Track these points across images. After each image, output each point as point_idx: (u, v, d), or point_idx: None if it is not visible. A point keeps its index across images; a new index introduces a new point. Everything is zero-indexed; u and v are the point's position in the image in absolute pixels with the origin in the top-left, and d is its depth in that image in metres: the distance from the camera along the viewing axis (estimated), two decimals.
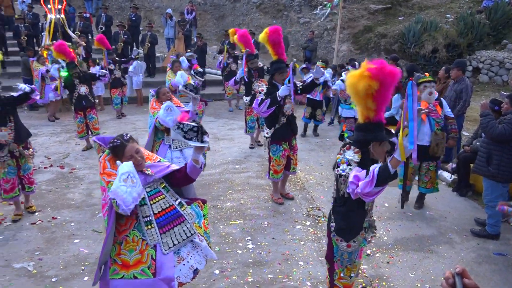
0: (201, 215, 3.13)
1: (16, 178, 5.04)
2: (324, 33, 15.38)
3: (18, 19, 13.14)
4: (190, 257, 2.92)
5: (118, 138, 2.84)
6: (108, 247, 2.77)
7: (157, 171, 2.93)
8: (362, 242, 3.18)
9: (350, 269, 3.21)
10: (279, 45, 5.22)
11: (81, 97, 7.50)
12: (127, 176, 2.57)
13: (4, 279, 3.92)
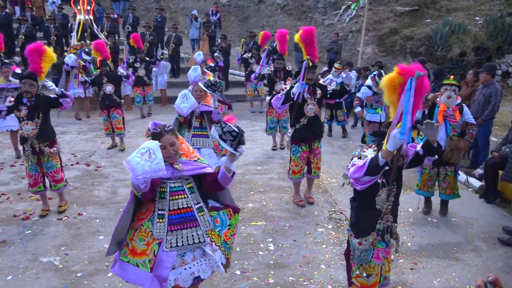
0: (226, 224, 3.03)
1: (39, 174, 5.12)
2: (348, 35, 15.25)
3: (48, 19, 13.50)
4: (195, 263, 2.87)
5: (160, 127, 2.90)
6: (121, 225, 2.86)
7: (188, 169, 2.90)
8: (380, 243, 3.15)
9: (366, 268, 3.16)
10: (311, 45, 5.24)
11: (106, 96, 7.66)
12: (146, 150, 2.55)
13: (32, 273, 4.03)
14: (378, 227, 3.11)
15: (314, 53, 5.28)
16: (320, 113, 5.39)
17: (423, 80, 2.74)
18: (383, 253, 3.19)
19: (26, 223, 5.01)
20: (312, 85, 5.29)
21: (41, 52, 5.01)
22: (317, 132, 5.41)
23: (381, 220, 3.10)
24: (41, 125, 4.96)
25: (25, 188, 6.02)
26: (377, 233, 3.13)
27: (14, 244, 4.53)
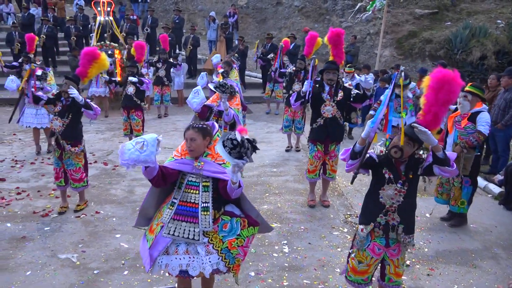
0: (234, 233, 2.99)
1: (60, 169, 5.27)
2: (366, 37, 15.14)
3: (69, 20, 13.77)
4: (185, 257, 2.95)
5: (192, 122, 3.10)
6: (145, 204, 3.20)
7: (207, 169, 2.96)
8: (379, 239, 3.20)
9: (359, 255, 3.28)
10: (337, 47, 5.28)
11: (127, 97, 7.77)
12: (142, 141, 2.69)
13: (50, 269, 4.10)
14: (379, 220, 3.18)
15: (340, 55, 5.32)
16: (339, 115, 5.32)
17: (452, 84, 2.84)
18: (381, 249, 3.22)
19: (45, 220, 5.10)
20: (334, 87, 5.25)
21: (94, 58, 5.10)
22: (333, 134, 5.35)
23: (384, 215, 3.16)
24: (68, 125, 5.10)
25: (44, 185, 6.16)
26: (378, 227, 3.19)
27: (33, 240, 4.62)
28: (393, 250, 3.23)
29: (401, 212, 3.14)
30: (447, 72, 2.88)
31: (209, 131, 3.05)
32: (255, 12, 17.81)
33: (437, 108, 2.93)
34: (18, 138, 8.56)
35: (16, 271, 4.05)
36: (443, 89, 2.86)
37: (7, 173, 6.61)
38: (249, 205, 3.17)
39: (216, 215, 3.03)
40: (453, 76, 2.86)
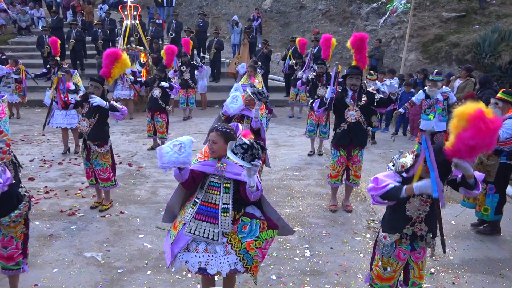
0: (253, 235, 3.02)
1: (90, 169, 5.44)
2: (391, 41, 14.96)
3: (96, 24, 14.10)
4: (204, 255, 3.03)
5: (219, 125, 3.16)
6: (171, 203, 3.27)
7: (229, 171, 3.01)
8: (405, 245, 3.15)
9: (385, 262, 3.23)
10: (360, 51, 5.23)
11: (152, 99, 7.91)
12: (179, 143, 2.78)
13: (76, 267, 4.20)
14: (406, 231, 3.12)
15: (363, 60, 5.27)
16: (363, 120, 5.27)
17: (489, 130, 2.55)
18: (406, 254, 3.19)
19: (71, 219, 5.23)
20: (358, 91, 5.21)
21: (116, 58, 5.25)
22: (356, 139, 5.30)
23: (411, 226, 3.10)
24: (94, 126, 5.23)
25: (71, 185, 6.31)
26: (405, 237, 3.14)
27: (60, 238, 4.75)
28: (418, 253, 3.21)
29: (428, 222, 3.09)
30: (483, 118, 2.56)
31: (232, 135, 3.09)
32: (278, 15, 17.84)
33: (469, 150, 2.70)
34: (46, 138, 8.80)
35: (44, 268, 4.17)
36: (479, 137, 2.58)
37: (36, 172, 6.81)
38: (270, 208, 3.18)
39: (236, 216, 3.07)
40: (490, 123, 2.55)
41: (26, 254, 3.60)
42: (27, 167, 7.02)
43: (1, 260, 3.45)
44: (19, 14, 16.44)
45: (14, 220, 3.35)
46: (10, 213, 3.32)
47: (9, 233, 3.40)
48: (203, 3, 19.32)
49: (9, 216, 3.32)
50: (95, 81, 5.21)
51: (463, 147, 2.64)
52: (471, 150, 2.65)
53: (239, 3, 18.80)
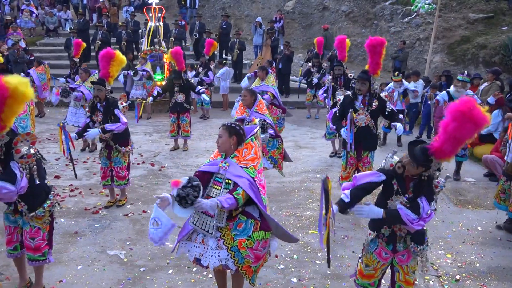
0: (246, 234, 3.08)
1: (107, 168, 5.53)
2: (416, 43, 14.71)
3: (121, 26, 14.33)
4: (200, 246, 3.15)
5: (230, 122, 3.28)
6: None
7: (229, 171, 3.11)
8: (387, 245, 3.20)
9: (367, 259, 3.29)
10: (373, 55, 5.18)
11: (177, 104, 8.01)
12: (153, 220, 2.88)
13: (99, 264, 4.27)
14: (383, 231, 3.19)
15: (375, 65, 5.21)
16: (373, 124, 5.21)
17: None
18: (388, 254, 3.22)
19: (95, 217, 5.32)
20: (368, 96, 5.17)
21: (110, 58, 5.36)
22: (365, 143, 5.25)
23: (388, 227, 3.16)
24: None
25: (95, 184, 6.43)
26: (381, 237, 3.21)
27: (84, 236, 4.84)
28: (402, 255, 3.21)
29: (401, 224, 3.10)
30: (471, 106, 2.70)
31: (236, 130, 3.21)
32: (301, 17, 17.78)
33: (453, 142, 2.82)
34: None
35: (69, 264, 4.26)
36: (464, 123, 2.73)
37: (61, 171, 6.96)
38: (267, 215, 3.17)
39: (233, 213, 3.14)
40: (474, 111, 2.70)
41: (51, 245, 3.71)
42: (53, 166, 7.20)
43: (29, 251, 3.55)
44: (47, 16, 16.86)
45: (48, 210, 3.51)
46: (43, 204, 3.46)
47: (36, 224, 3.50)
48: (225, 5, 19.42)
49: (43, 207, 3.46)
50: (96, 84, 5.36)
51: (448, 141, 2.78)
52: (456, 141, 2.77)
53: (262, 5, 18.83)
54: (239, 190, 3.01)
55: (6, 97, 2.96)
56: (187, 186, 2.85)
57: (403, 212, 2.95)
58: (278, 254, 4.47)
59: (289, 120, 10.76)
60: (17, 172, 3.18)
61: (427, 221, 2.97)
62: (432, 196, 3.02)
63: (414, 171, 3.00)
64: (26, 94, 3.04)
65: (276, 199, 5.94)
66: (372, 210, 3.02)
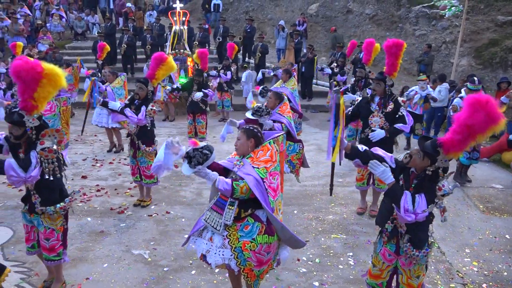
0: (250, 236, 3.12)
1: (135, 166, 5.68)
2: (442, 46, 14.46)
3: (146, 29, 14.59)
4: (207, 243, 3.23)
5: (249, 126, 3.38)
6: (211, 194, 3.58)
7: (241, 169, 3.17)
8: (389, 245, 3.23)
9: (374, 259, 3.36)
10: (391, 57, 5.22)
11: (193, 103, 8.11)
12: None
13: (124, 263, 4.36)
14: (387, 226, 3.22)
15: (392, 67, 5.24)
16: (387, 127, 5.17)
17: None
18: (392, 256, 3.23)
19: (121, 217, 5.43)
20: (384, 98, 5.16)
21: (161, 61, 5.54)
22: (378, 145, 5.12)
23: (391, 222, 3.19)
24: (142, 126, 5.46)
25: (121, 184, 6.56)
26: (384, 231, 3.25)
27: (110, 235, 4.94)
28: (405, 259, 3.21)
29: (410, 229, 3.12)
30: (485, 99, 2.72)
31: (254, 133, 3.28)
32: (324, 20, 17.72)
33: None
34: (98, 139, 9.20)
35: (95, 262, 4.36)
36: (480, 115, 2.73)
37: (88, 171, 7.14)
38: (272, 217, 3.18)
39: (242, 214, 3.17)
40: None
41: (66, 245, 3.82)
42: (80, 166, 7.39)
43: (44, 251, 3.67)
44: (76, 20, 17.31)
45: (57, 212, 3.57)
46: (56, 204, 3.55)
47: (51, 225, 3.61)
48: (249, 9, 19.53)
49: (54, 206, 3.54)
50: (140, 82, 5.49)
51: (458, 129, 2.79)
52: (466, 133, 2.77)
53: (285, 8, 18.85)
54: (241, 182, 3.08)
55: (41, 76, 3.21)
56: (199, 150, 3.03)
57: (405, 197, 2.97)
58: (300, 257, 4.47)
59: (312, 123, 10.75)
60: (33, 161, 3.32)
61: (418, 218, 2.95)
62: (433, 198, 2.99)
63: (419, 162, 3.02)
64: (60, 79, 3.33)
65: (298, 203, 5.94)
66: (385, 172, 3.04)
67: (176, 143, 3.07)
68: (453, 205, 5.93)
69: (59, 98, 5.67)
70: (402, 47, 5.22)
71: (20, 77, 3.21)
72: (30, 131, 3.37)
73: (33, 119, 3.36)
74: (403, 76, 14.26)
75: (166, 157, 3.07)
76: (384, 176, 3.05)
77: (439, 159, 2.95)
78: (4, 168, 3.25)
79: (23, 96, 3.31)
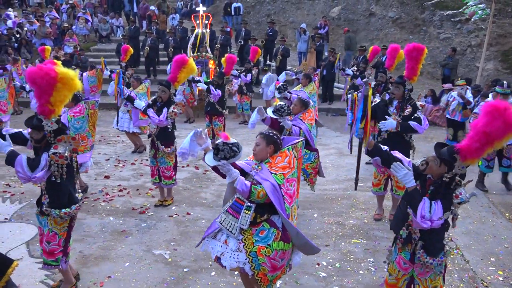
0: (265, 241, 3.12)
1: (155, 167, 5.76)
2: (467, 50, 14.19)
3: (168, 32, 14.78)
4: (222, 245, 3.24)
5: (267, 130, 3.41)
6: (226, 195, 3.55)
7: (258, 174, 3.18)
8: (404, 253, 3.19)
9: (390, 267, 3.33)
10: (411, 61, 5.17)
11: (209, 104, 8.23)
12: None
13: (145, 263, 4.42)
14: (401, 233, 3.17)
15: (412, 71, 5.20)
16: (399, 123, 5.10)
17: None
18: (407, 264, 3.19)
19: (142, 217, 5.51)
20: (402, 102, 5.12)
21: (182, 64, 5.61)
22: (395, 149, 5.02)
23: (406, 228, 3.14)
24: (162, 127, 5.53)
25: (142, 184, 6.65)
26: (399, 238, 3.19)
27: (132, 235, 5.02)
28: (420, 268, 3.15)
29: (425, 236, 3.07)
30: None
31: (274, 139, 3.27)
32: (346, 23, 17.60)
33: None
34: (121, 139, 9.35)
35: (116, 261, 4.43)
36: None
37: (111, 171, 7.26)
38: (288, 223, 3.17)
39: (258, 219, 3.16)
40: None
41: (67, 253, 3.81)
42: (103, 166, 7.52)
43: (44, 254, 3.72)
44: (101, 23, 17.67)
45: (61, 216, 3.61)
46: (61, 208, 3.59)
47: (54, 229, 3.66)
48: (270, 12, 19.57)
49: (60, 210, 3.58)
50: (162, 85, 5.57)
51: (476, 137, 2.75)
52: (484, 140, 2.73)
53: (307, 11, 18.82)
54: (259, 187, 3.09)
55: (55, 81, 3.29)
56: (229, 145, 3.06)
57: (424, 204, 2.92)
58: (320, 261, 4.45)
59: (333, 127, 10.70)
60: (43, 163, 3.41)
61: (434, 225, 2.90)
62: (449, 205, 2.93)
63: (436, 169, 2.98)
64: (74, 82, 3.40)
65: (318, 207, 5.91)
66: (408, 175, 3.02)
67: (204, 135, 3.16)
68: (478, 212, 5.80)
69: (88, 102, 5.80)
70: (423, 52, 5.16)
71: (36, 83, 3.29)
72: (48, 134, 3.46)
73: (51, 122, 3.44)
74: (426, 80, 14.06)
75: (192, 144, 3.15)
76: (405, 179, 3.02)
77: (456, 165, 2.90)
78: (14, 162, 3.36)
79: (40, 101, 3.39)
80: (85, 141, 5.79)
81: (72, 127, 5.61)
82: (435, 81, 13.93)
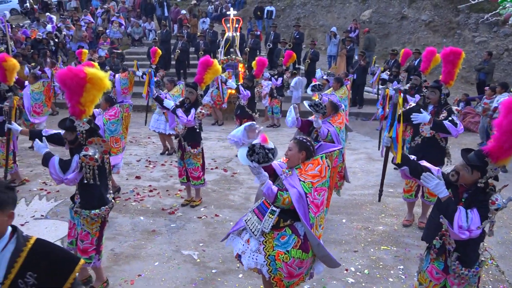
0: (285, 247, 3.12)
1: (182, 168, 5.85)
2: (503, 53, 13.74)
3: (199, 36, 14.99)
4: (244, 244, 3.28)
5: (302, 137, 3.41)
6: (258, 192, 3.55)
7: (287, 179, 3.18)
8: (437, 262, 3.09)
9: (421, 277, 3.24)
10: (447, 65, 5.08)
11: (239, 106, 8.30)
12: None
13: (174, 262, 4.49)
14: (435, 243, 3.07)
15: (448, 75, 5.10)
16: (440, 137, 5.00)
17: None
18: (440, 274, 3.09)
19: (171, 217, 5.60)
20: (438, 107, 5.02)
21: (207, 65, 5.77)
22: (428, 155, 4.75)
23: (440, 238, 3.04)
24: (189, 129, 5.65)
25: (172, 185, 6.76)
26: (432, 248, 3.09)
27: (161, 235, 5.11)
28: (454, 278, 3.03)
29: (460, 245, 2.96)
30: None
31: (307, 146, 3.26)
32: (377, 27, 17.37)
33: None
34: (152, 141, 9.54)
35: (146, 260, 4.52)
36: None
37: (142, 172, 7.42)
38: (310, 233, 3.14)
39: (281, 224, 3.17)
40: None
41: (99, 251, 3.90)
42: (134, 166, 7.69)
43: (78, 251, 3.82)
44: (133, 27, 18.10)
45: (91, 217, 3.70)
46: (91, 210, 3.68)
47: (87, 228, 3.75)
48: (300, 15, 19.54)
49: (89, 211, 3.68)
50: (189, 86, 5.69)
51: (503, 137, 2.68)
52: (509, 136, 2.66)
53: (337, 15, 18.69)
54: (285, 193, 3.09)
55: (85, 81, 3.36)
56: (265, 148, 3.03)
57: (460, 213, 2.81)
58: (348, 267, 4.40)
59: (362, 131, 10.58)
60: (74, 165, 3.51)
61: (472, 235, 2.79)
62: (486, 213, 2.81)
63: (469, 177, 2.88)
64: (103, 82, 3.46)
65: (347, 212, 5.85)
66: (440, 185, 2.90)
67: (257, 130, 3.13)
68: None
69: (122, 105, 5.97)
70: (460, 56, 5.07)
71: (66, 84, 3.38)
72: (80, 135, 3.55)
73: (83, 123, 3.54)
74: (460, 84, 13.69)
75: (243, 135, 3.13)
76: (438, 190, 2.90)
77: (489, 169, 2.81)
78: (49, 163, 3.49)
79: (71, 102, 3.47)
80: (118, 143, 5.95)
81: (107, 130, 5.77)
82: (469, 85, 13.55)
